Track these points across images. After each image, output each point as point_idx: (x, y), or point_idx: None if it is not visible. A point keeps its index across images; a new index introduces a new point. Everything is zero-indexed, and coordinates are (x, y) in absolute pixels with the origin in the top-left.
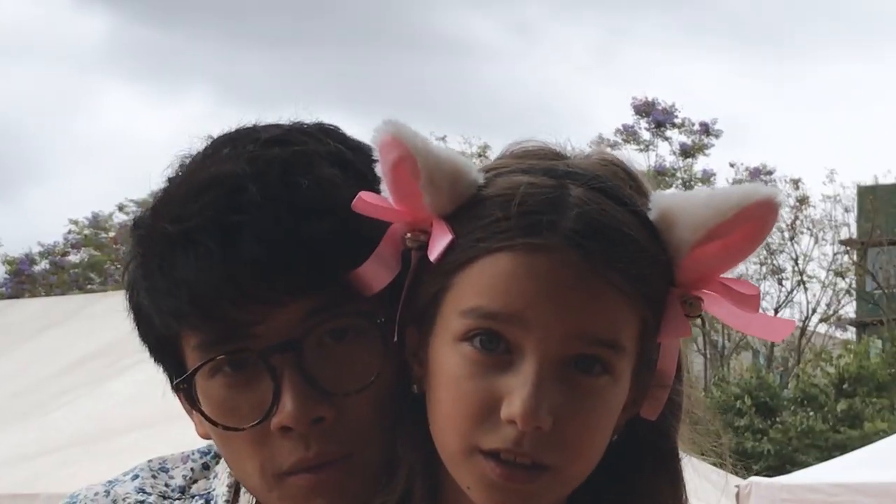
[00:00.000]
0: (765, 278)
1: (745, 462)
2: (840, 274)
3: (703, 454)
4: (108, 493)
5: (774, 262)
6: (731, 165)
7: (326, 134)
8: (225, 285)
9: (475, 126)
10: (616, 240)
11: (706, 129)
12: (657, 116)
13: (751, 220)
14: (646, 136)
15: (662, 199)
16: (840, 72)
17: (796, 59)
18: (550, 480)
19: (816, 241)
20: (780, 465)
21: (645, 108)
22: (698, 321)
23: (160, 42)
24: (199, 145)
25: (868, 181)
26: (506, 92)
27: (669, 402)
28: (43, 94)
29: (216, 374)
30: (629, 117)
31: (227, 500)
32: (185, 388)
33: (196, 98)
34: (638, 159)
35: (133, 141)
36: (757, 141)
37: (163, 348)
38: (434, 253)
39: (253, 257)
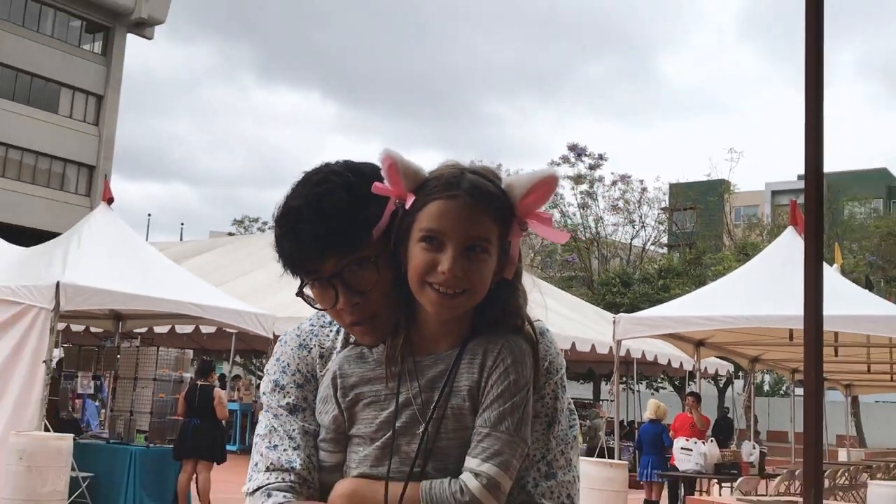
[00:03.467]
0: (626, 224)
1: (616, 308)
2: (660, 223)
3: (597, 304)
4: (298, 328)
5: (631, 217)
6: (612, 173)
7: (347, 168)
8: (300, 253)
9: (496, 156)
10: (487, 192)
11: (601, 157)
12: (578, 151)
13: (546, 184)
14: (573, 159)
15: (507, 179)
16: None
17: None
18: (464, 300)
19: (650, 208)
20: (632, 309)
21: (573, 147)
22: (595, 244)
23: (357, 117)
24: (298, 176)
25: (674, 180)
26: (513, 140)
27: (515, 271)
28: (300, 145)
29: (313, 286)
30: (565, 151)
31: (343, 331)
32: (301, 294)
33: (374, 148)
34: (569, 170)
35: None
36: (624, 160)
37: (292, 274)
38: (408, 204)
39: (308, 239)
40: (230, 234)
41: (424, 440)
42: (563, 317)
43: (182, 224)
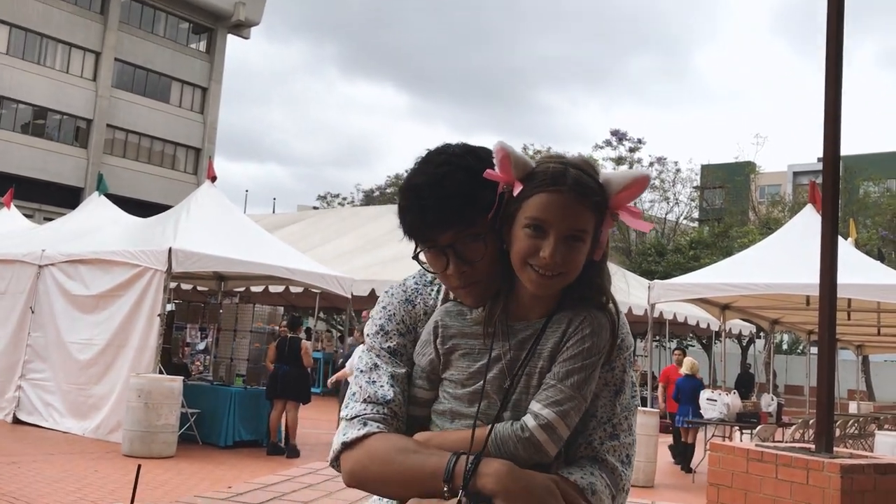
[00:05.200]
0: (662, 201)
1: (651, 275)
2: (692, 200)
3: (634, 271)
4: (403, 283)
5: (666, 194)
6: (650, 155)
7: (466, 151)
8: (422, 225)
9: (548, 140)
10: (587, 187)
11: (639, 141)
12: (619, 135)
13: (639, 183)
14: (614, 143)
15: (605, 174)
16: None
17: (674, 109)
18: (559, 280)
19: (683, 186)
20: (665, 276)
21: (615, 133)
22: None
23: (425, 106)
24: (422, 153)
25: (705, 162)
26: (562, 127)
27: (603, 253)
28: (381, 131)
29: (427, 252)
30: (607, 135)
31: (445, 291)
32: (416, 258)
33: (439, 134)
34: (611, 152)
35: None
36: (660, 144)
37: (410, 239)
38: (516, 192)
39: (431, 214)
40: (315, 207)
41: (509, 391)
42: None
43: (274, 199)
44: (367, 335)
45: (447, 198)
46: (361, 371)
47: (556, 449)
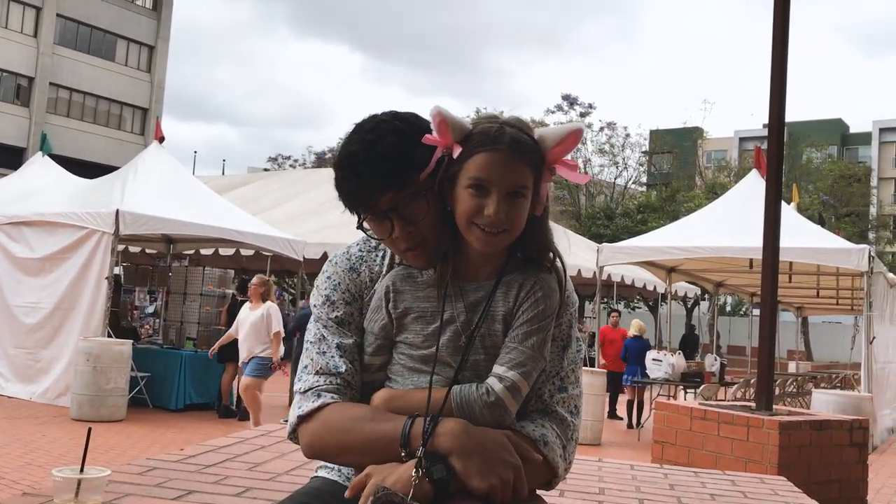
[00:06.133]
0: (612, 166)
1: (600, 239)
2: (641, 165)
3: (583, 234)
4: (347, 250)
5: (616, 159)
6: (600, 121)
7: (394, 116)
8: (361, 190)
9: (500, 103)
10: (525, 144)
11: (590, 105)
12: (570, 100)
13: (573, 136)
14: (565, 107)
15: (539, 131)
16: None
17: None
18: (505, 237)
19: (632, 152)
20: (614, 239)
21: (566, 97)
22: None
23: (379, 67)
24: (357, 121)
25: (654, 127)
26: (512, 89)
27: (545, 208)
28: (332, 95)
29: (371, 220)
30: (559, 101)
31: (391, 256)
32: (361, 227)
33: (393, 96)
34: (562, 118)
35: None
36: (611, 109)
37: (351, 210)
38: (455, 154)
39: (368, 178)
40: (265, 169)
41: (465, 353)
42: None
43: (224, 160)
44: (314, 306)
45: (381, 160)
46: (311, 343)
47: (517, 408)
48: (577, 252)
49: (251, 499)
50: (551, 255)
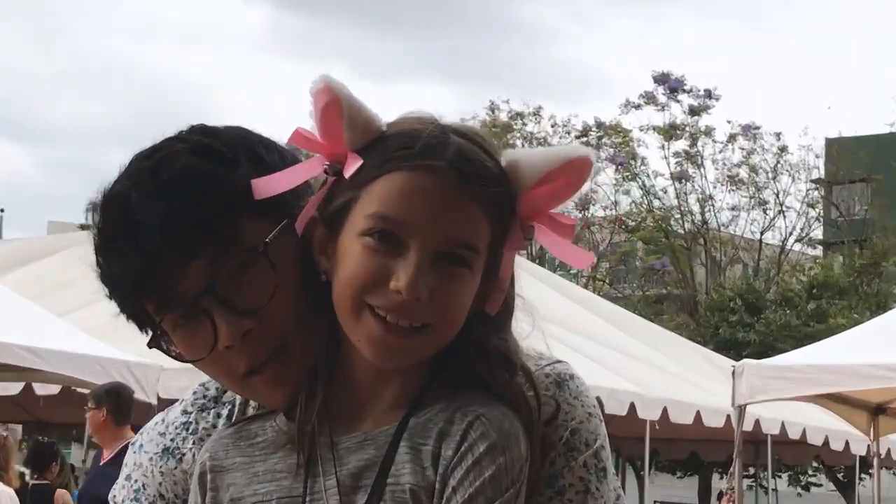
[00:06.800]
0: (753, 208)
1: (738, 349)
2: (811, 205)
3: (704, 343)
4: (163, 420)
5: (761, 196)
6: (728, 122)
7: (197, 133)
8: (141, 270)
9: (542, 91)
10: (480, 168)
11: (709, 94)
12: (671, 84)
13: (573, 172)
14: (662, 99)
15: (512, 153)
16: (811, 39)
17: (780, 33)
18: (424, 340)
19: (793, 180)
20: (764, 351)
21: (661, 78)
22: (702, 241)
23: (306, 27)
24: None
25: (833, 134)
26: (564, 66)
27: (505, 302)
28: (219, 67)
29: (176, 329)
30: (650, 85)
31: (241, 403)
32: (155, 345)
33: (333, 72)
34: (655, 117)
35: (290, 119)
36: (749, 102)
37: (134, 318)
38: (348, 171)
39: (150, 243)
40: (83, 226)
41: None
42: (644, 363)
43: (1, 210)
44: None
45: (169, 197)
46: None
47: None
48: (691, 377)
49: None
50: (508, 374)
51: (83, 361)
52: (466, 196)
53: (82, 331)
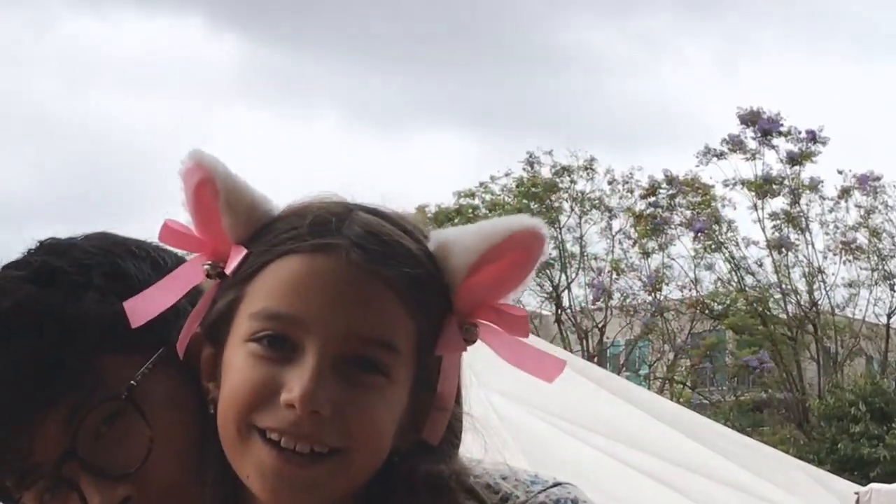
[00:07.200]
0: (876, 284)
1: (862, 469)
2: None
3: (819, 462)
4: None
5: (886, 267)
6: (839, 172)
7: (44, 252)
8: None
9: (596, 139)
10: (394, 246)
11: (813, 137)
12: (763, 125)
13: (518, 248)
14: (752, 144)
15: (440, 234)
16: None
17: None
18: (330, 469)
19: None
20: None
21: (750, 118)
22: (810, 327)
23: (290, 65)
24: None
25: None
26: (625, 104)
27: (449, 426)
28: (177, 119)
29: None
30: (736, 127)
31: None
32: None
33: (324, 119)
34: (744, 168)
35: (265, 165)
36: (866, 148)
37: None
38: (230, 267)
39: None
40: None
41: None
42: (738, 490)
43: None
44: None
45: (4, 341)
46: None
47: None
48: (790, 500)
49: None
50: None
51: None
52: (375, 281)
53: None
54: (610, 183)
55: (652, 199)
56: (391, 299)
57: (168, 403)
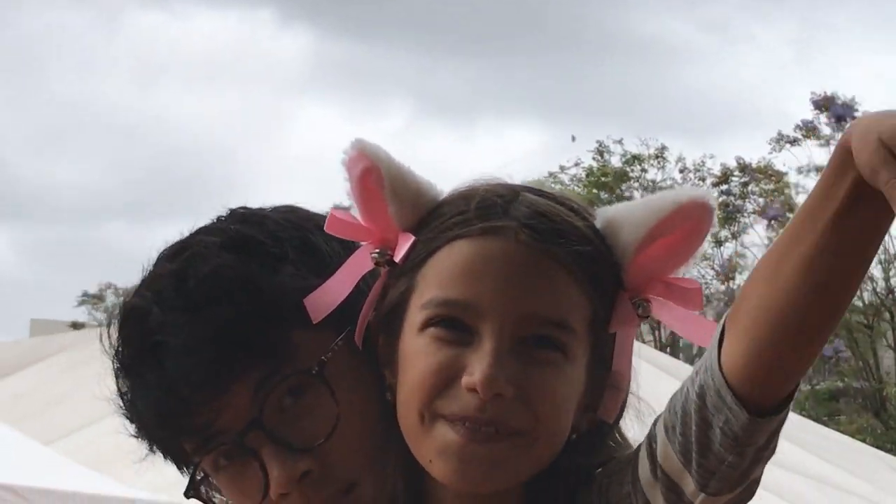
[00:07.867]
0: None
1: None
2: None
3: None
4: None
5: None
6: None
7: (236, 220)
8: (169, 403)
9: (667, 127)
10: (563, 225)
11: None
12: (836, 110)
13: (687, 220)
14: (826, 130)
15: (607, 210)
16: None
17: None
18: (515, 446)
19: None
20: None
21: (824, 103)
22: (887, 315)
23: (360, 57)
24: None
25: None
26: (696, 91)
27: (621, 406)
28: (248, 113)
29: (219, 471)
30: (809, 113)
31: None
32: (194, 494)
33: (395, 111)
34: (818, 154)
35: (336, 158)
36: None
37: (164, 453)
38: (399, 255)
39: (177, 370)
40: (75, 325)
41: None
42: (814, 481)
43: None
44: None
45: (199, 307)
46: None
47: None
48: (873, 497)
49: None
50: None
51: (78, 502)
52: (547, 261)
53: (76, 462)
54: (681, 171)
55: (724, 186)
56: (564, 278)
57: (351, 383)
